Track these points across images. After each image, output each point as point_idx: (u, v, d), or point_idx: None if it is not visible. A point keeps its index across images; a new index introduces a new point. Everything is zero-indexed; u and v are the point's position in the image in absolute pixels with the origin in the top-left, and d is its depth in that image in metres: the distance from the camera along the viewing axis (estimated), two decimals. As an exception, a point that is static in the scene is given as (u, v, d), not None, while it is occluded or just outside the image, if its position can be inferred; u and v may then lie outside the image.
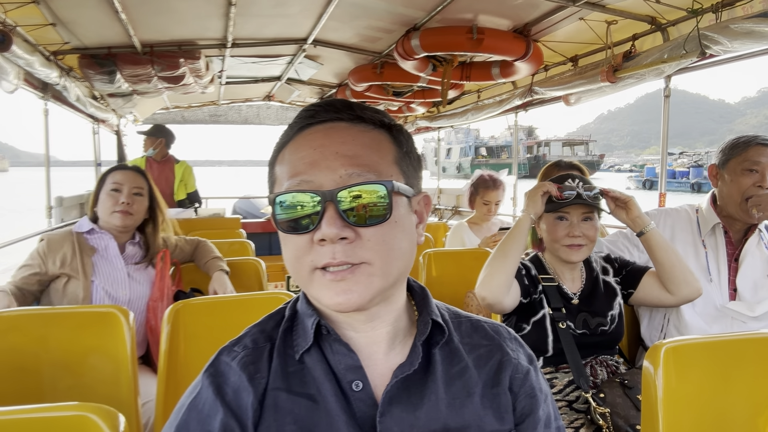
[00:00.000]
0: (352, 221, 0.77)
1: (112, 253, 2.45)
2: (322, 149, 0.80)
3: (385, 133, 0.85)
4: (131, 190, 2.47)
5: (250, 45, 4.81)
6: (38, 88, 4.44)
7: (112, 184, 2.46)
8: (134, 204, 2.46)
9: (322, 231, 0.76)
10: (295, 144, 0.83)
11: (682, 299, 2.01)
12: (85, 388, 1.83)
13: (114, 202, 2.43)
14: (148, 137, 5.56)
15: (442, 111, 6.55)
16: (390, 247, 0.79)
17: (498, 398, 0.88)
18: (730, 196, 2.13)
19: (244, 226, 5.26)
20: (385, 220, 0.78)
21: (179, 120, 8.09)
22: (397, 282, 0.83)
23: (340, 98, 0.89)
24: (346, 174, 0.78)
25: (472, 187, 3.94)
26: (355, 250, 0.77)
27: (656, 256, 2.00)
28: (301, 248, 0.79)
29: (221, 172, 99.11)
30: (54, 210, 4.92)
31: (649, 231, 2.00)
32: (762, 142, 2.11)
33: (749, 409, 1.49)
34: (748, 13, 2.72)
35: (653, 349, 1.45)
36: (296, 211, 0.79)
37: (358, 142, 0.81)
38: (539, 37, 4.07)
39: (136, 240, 2.57)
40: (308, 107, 0.86)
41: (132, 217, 2.46)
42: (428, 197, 0.91)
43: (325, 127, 0.83)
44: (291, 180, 0.80)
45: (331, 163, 0.79)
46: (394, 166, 0.83)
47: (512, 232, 1.97)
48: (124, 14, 3.69)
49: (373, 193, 0.78)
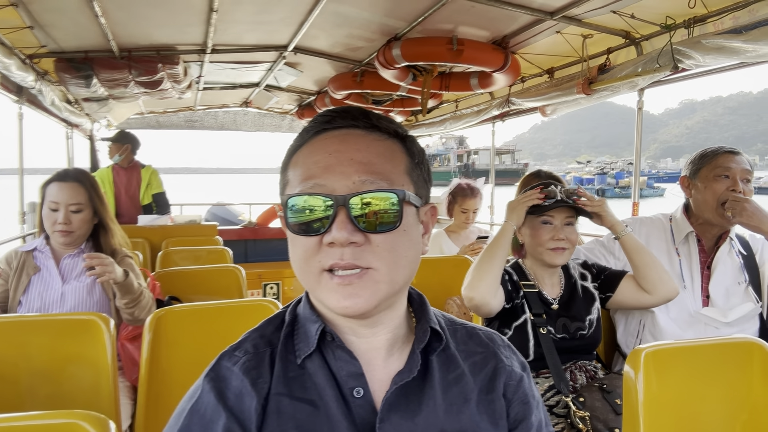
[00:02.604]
0: (362, 227, 0.78)
1: (52, 272, 2.39)
2: (338, 155, 0.81)
3: (398, 143, 0.87)
4: (68, 208, 2.35)
5: (230, 51, 4.79)
6: (13, 92, 4.36)
7: (50, 203, 2.36)
8: (73, 222, 2.36)
9: (332, 234, 0.77)
10: (309, 148, 0.85)
11: (660, 298, 2.09)
12: (65, 397, 1.80)
13: (53, 221, 2.35)
14: (113, 144, 5.44)
15: (421, 120, 6.60)
16: (397, 255, 0.81)
17: (493, 404, 0.90)
18: (705, 202, 2.20)
19: (220, 233, 5.22)
20: (395, 228, 0.80)
21: (154, 125, 7.98)
22: (401, 290, 0.85)
23: (357, 106, 0.91)
24: (360, 180, 0.79)
25: (450, 196, 3.98)
26: (363, 255, 0.78)
27: (633, 259, 2.10)
28: (310, 249, 0.80)
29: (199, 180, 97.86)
30: (27, 216, 4.82)
31: (624, 235, 2.11)
32: (729, 150, 2.21)
33: (727, 412, 1.54)
34: (719, 29, 2.81)
35: (633, 354, 1.49)
36: (308, 214, 0.80)
37: (373, 151, 0.83)
38: (517, 50, 4.15)
39: (81, 248, 2.45)
40: (325, 113, 0.87)
41: (73, 234, 2.37)
42: (435, 208, 0.93)
43: (341, 134, 0.84)
44: (304, 183, 0.81)
45: (345, 169, 0.80)
46: (405, 175, 0.85)
47: (497, 238, 2.05)
48: (104, 18, 3.65)
49: (385, 200, 0.79)
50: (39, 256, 2.41)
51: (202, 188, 47.42)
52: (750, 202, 2.10)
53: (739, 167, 2.16)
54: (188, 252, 3.83)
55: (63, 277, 2.39)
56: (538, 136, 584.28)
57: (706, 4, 2.87)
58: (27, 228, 4.79)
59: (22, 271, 2.36)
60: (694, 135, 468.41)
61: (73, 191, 2.37)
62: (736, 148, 2.23)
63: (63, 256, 2.42)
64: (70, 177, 2.41)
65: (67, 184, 2.38)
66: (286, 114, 7.83)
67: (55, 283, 2.37)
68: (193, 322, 2.04)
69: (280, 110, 7.74)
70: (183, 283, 2.88)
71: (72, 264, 2.42)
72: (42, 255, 2.41)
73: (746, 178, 2.17)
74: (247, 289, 3.03)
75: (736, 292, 2.24)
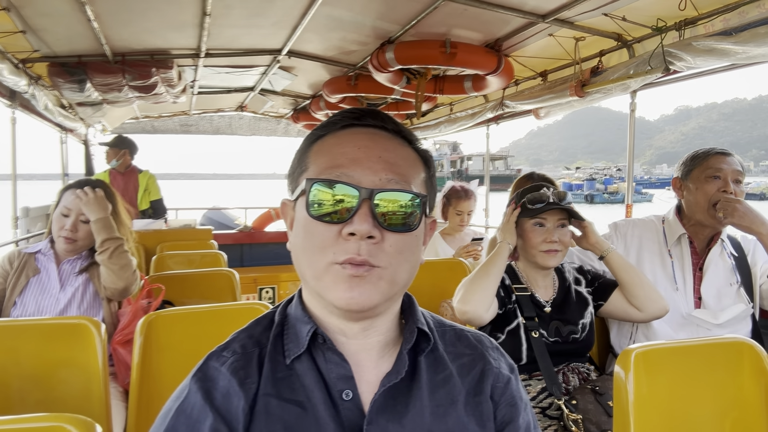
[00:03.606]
0: (382, 223, 0.79)
1: (51, 276, 2.41)
2: (367, 150, 0.83)
3: (417, 154, 0.90)
4: (78, 217, 2.41)
5: (223, 55, 4.79)
6: (6, 97, 4.35)
7: (63, 208, 2.42)
8: (79, 232, 2.41)
9: (354, 225, 0.78)
10: (337, 138, 0.86)
11: (649, 316, 2.09)
12: (56, 402, 1.79)
13: (60, 226, 2.40)
14: (110, 149, 5.45)
15: (415, 123, 6.61)
16: (404, 258, 0.82)
17: (480, 406, 0.90)
18: (697, 203, 2.20)
19: (215, 237, 5.21)
20: (410, 230, 0.82)
21: (149, 129, 7.97)
22: (399, 292, 0.86)
23: (382, 111, 0.93)
24: (386, 178, 0.81)
25: (444, 198, 3.98)
26: (377, 252, 0.79)
27: (619, 277, 2.09)
28: (327, 239, 0.80)
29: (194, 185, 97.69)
30: (20, 221, 4.80)
31: (609, 254, 2.11)
32: (720, 151, 2.22)
33: (716, 413, 1.54)
34: (709, 31, 2.83)
35: (624, 355, 1.49)
36: (330, 201, 0.80)
37: (399, 154, 0.86)
38: (510, 52, 4.16)
39: (82, 254, 2.48)
40: (353, 109, 0.89)
41: (75, 243, 2.42)
42: (435, 222, 0.95)
43: (370, 132, 0.86)
44: (329, 171, 0.82)
45: (373, 165, 0.82)
46: (422, 184, 0.88)
47: (494, 258, 2.05)
48: (97, 23, 3.64)
49: (408, 202, 0.82)
50: (41, 258, 2.43)
51: (197, 193, 47.28)
52: (742, 203, 2.10)
53: (730, 168, 2.17)
54: (182, 256, 3.82)
55: (61, 281, 2.40)
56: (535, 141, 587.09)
57: (696, 7, 2.88)
58: (20, 233, 4.77)
59: (22, 271, 2.38)
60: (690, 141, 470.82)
61: None
62: (728, 150, 2.24)
63: (63, 260, 2.45)
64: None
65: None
66: (282, 118, 7.83)
67: (53, 287, 2.38)
68: (185, 325, 2.03)
69: (276, 114, 7.74)
70: (177, 287, 2.87)
71: (70, 269, 2.44)
72: (44, 258, 2.43)
73: (737, 179, 2.17)
74: (242, 293, 3.02)
75: (727, 293, 2.24)
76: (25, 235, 4.80)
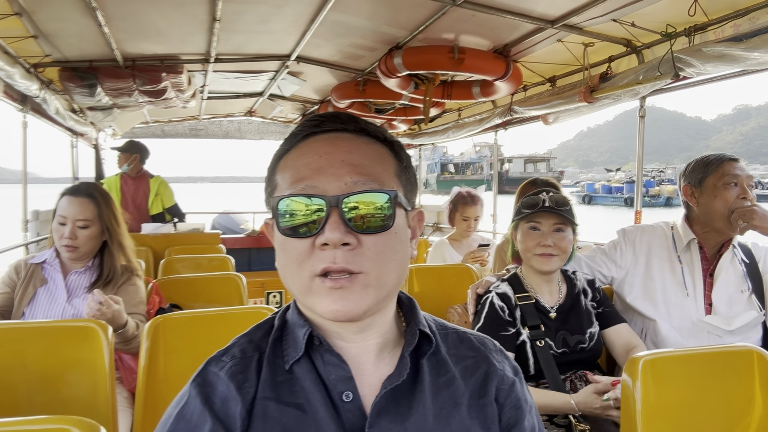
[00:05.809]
0: (355, 228, 0.78)
1: (59, 286, 2.38)
2: (329, 156, 0.81)
3: (386, 147, 0.88)
4: (75, 223, 2.35)
5: (233, 60, 4.82)
6: (18, 101, 4.39)
7: (59, 216, 2.37)
8: (79, 238, 2.35)
9: (326, 235, 0.77)
10: (299, 151, 0.85)
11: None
12: (62, 404, 1.79)
13: (60, 236, 2.35)
14: (122, 153, 5.49)
15: (423, 128, 6.62)
16: (387, 258, 0.80)
17: (484, 409, 0.89)
18: (716, 210, 2.19)
19: (223, 241, 5.23)
20: (387, 229, 0.80)
21: (159, 134, 8.03)
22: (390, 293, 0.85)
23: (344, 111, 0.92)
24: (352, 182, 0.80)
25: (451, 204, 3.98)
26: (355, 258, 0.78)
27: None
28: (302, 253, 0.79)
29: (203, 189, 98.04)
30: (30, 224, 4.84)
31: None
32: (731, 158, 2.22)
33: (725, 422, 1.52)
34: (719, 37, 2.81)
35: (631, 362, 1.47)
36: (299, 216, 0.79)
37: (363, 153, 0.83)
38: (518, 58, 4.16)
39: (89, 265, 2.44)
40: (312, 117, 0.87)
41: (78, 250, 2.37)
42: (422, 213, 0.93)
43: (331, 137, 0.85)
44: (295, 185, 0.81)
45: (337, 171, 0.80)
46: (395, 178, 0.86)
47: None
48: (107, 28, 3.68)
49: (377, 201, 0.80)
50: (48, 268, 2.40)
51: (206, 197, 47.51)
52: (759, 207, 2.11)
53: (743, 174, 2.18)
54: (190, 260, 3.84)
55: (69, 292, 2.38)
56: (584, 142, 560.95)
57: (706, 12, 2.86)
58: (30, 236, 4.80)
59: (29, 282, 2.36)
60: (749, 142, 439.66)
61: (82, 207, 2.37)
62: (735, 155, 2.22)
63: (71, 271, 2.42)
64: (81, 192, 2.41)
65: (77, 198, 2.38)
66: (290, 123, 7.87)
67: (60, 297, 2.36)
68: (191, 329, 2.03)
69: (284, 119, 7.78)
70: (184, 290, 2.88)
71: (78, 281, 2.41)
72: (51, 268, 2.40)
73: (750, 185, 2.19)
74: (249, 298, 3.03)
75: (739, 300, 2.23)
76: (35, 238, 4.83)
